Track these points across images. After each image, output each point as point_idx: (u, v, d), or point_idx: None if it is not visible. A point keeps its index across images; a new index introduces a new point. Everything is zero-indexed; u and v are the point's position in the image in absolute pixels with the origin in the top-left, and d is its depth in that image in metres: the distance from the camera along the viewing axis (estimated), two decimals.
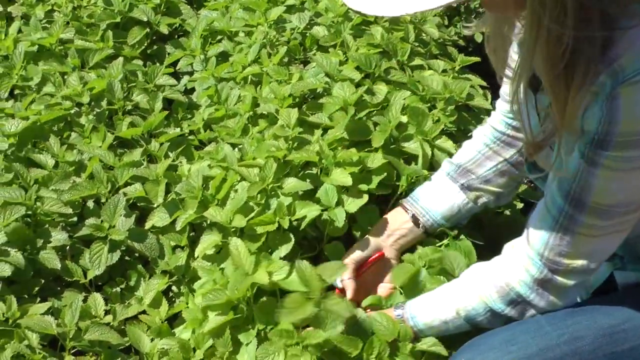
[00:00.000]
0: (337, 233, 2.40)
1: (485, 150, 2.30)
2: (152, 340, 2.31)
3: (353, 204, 2.37)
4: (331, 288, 2.24)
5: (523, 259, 1.87)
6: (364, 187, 2.41)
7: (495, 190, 2.32)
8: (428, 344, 2.04)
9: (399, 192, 2.47)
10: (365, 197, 2.39)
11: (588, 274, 1.85)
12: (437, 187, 2.34)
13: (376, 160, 2.45)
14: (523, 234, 1.90)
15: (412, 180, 2.46)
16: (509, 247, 1.97)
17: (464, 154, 2.34)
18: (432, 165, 2.53)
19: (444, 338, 2.05)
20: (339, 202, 2.37)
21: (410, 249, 2.35)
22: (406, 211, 2.35)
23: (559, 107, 1.64)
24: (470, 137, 2.40)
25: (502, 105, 2.24)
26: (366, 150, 2.53)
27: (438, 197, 2.32)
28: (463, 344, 1.95)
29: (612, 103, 1.56)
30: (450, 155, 2.53)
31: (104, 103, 2.97)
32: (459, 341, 1.98)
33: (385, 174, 2.45)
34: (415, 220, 2.33)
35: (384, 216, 2.38)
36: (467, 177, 2.31)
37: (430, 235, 2.37)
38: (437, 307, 2.03)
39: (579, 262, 1.80)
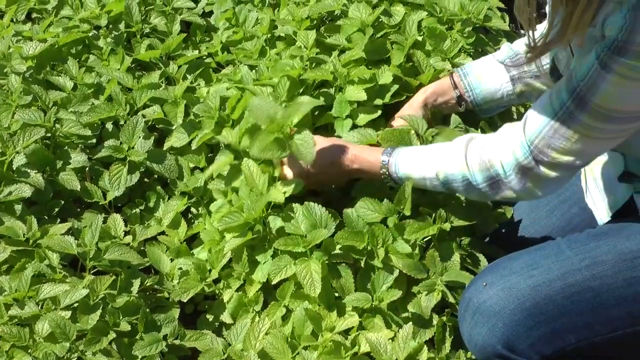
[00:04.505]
0: None
1: None
2: (171, 260, 2.24)
3: (364, 118, 2.30)
4: None
5: (514, 141, 1.81)
6: (379, 101, 2.35)
7: (542, 89, 2.21)
8: (451, 275, 1.98)
9: None
10: (379, 112, 2.32)
11: (570, 171, 1.80)
12: (489, 69, 2.26)
13: (385, 75, 2.37)
14: (522, 119, 1.83)
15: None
16: (508, 127, 1.89)
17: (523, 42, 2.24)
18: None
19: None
20: (351, 115, 2.29)
21: None
22: (452, 81, 2.30)
23: (565, 17, 1.60)
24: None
25: None
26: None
27: (487, 80, 2.26)
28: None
29: (637, 13, 1.51)
30: None
31: (121, 26, 2.84)
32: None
33: (397, 86, 2.38)
34: (455, 88, 2.29)
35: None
36: (520, 68, 2.22)
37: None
38: (421, 162, 1.98)
39: (566, 158, 1.74)
